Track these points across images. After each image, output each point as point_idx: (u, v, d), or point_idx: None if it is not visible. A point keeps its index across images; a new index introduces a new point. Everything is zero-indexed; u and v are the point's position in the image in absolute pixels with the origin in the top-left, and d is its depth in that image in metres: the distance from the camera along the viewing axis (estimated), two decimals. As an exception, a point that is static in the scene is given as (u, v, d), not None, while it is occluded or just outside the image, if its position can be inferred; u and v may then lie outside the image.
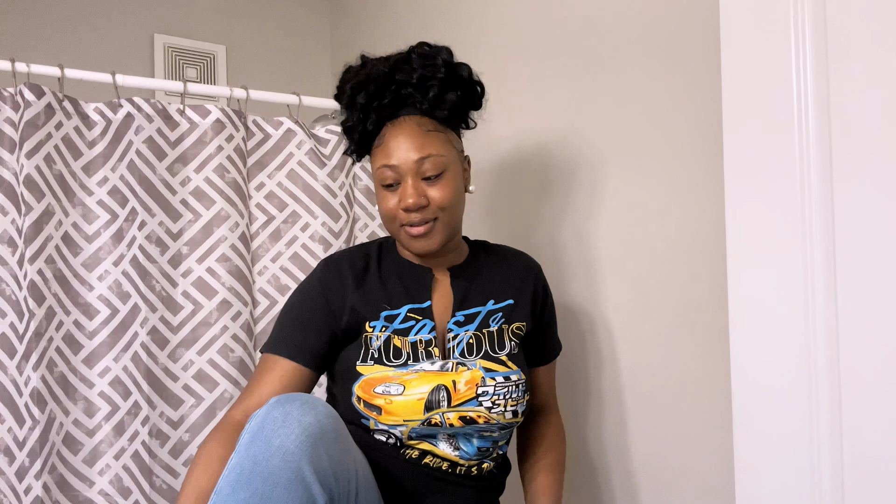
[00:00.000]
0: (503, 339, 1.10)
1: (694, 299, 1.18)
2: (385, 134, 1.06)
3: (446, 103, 1.04)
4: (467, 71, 1.07)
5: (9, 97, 1.29)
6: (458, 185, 1.07)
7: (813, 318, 0.87)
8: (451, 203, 1.05)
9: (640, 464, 1.29)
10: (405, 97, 1.05)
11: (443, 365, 1.05)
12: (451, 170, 1.05)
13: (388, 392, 1.02)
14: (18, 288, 1.28)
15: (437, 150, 1.03)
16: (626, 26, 1.29)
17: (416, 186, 1.03)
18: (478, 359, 1.06)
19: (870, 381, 0.83)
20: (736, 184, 0.95)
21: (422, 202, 1.02)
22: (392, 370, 1.04)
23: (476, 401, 1.03)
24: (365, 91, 1.05)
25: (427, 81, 1.03)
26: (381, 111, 1.05)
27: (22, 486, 1.26)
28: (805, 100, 0.88)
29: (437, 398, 1.02)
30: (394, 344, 1.06)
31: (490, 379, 1.04)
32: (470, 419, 1.03)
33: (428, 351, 1.06)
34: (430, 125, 1.05)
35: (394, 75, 1.04)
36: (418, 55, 1.04)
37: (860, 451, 0.84)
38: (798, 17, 0.88)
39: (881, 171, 0.82)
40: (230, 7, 2.31)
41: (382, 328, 1.07)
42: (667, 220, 1.23)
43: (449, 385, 1.03)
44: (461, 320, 1.09)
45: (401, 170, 1.03)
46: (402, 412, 1.02)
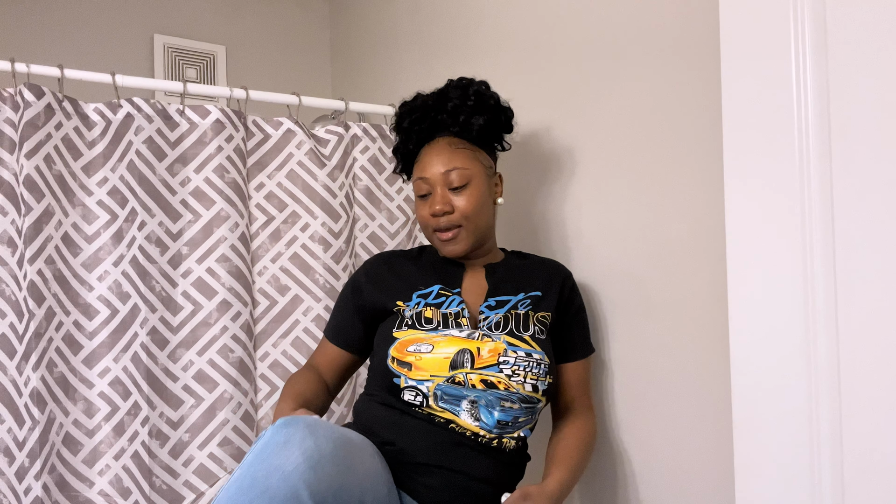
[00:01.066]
0: (528, 322, 1.19)
1: (694, 299, 1.18)
2: (421, 153, 1.26)
3: (473, 126, 1.23)
4: (494, 99, 1.26)
5: (8, 97, 1.29)
6: (483, 196, 1.22)
7: (813, 318, 0.87)
8: (475, 211, 1.20)
9: (639, 464, 1.29)
10: (440, 122, 1.24)
11: (470, 333, 1.16)
12: (476, 182, 1.21)
13: (418, 350, 1.14)
14: (18, 288, 1.28)
15: (462, 164, 1.20)
16: (626, 26, 1.29)
17: (444, 195, 1.20)
18: (503, 334, 1.16)
19: (870, 381, 0.83)
20: (736, 183, 0.95)
21: (447, 208, 1.19)
22: (424, 332, 1.16)
23: (497, 367, 1.12)
24: (409, 118, 1.26)
25: (459, 109, 1.22)
26: (420, 134, 1.26)
27: (22, 486, 1.26)
28: (805, 99, 0.88)
29: (462, 359, 1.13)
30: (425, 315, 1.19)
31: (512, 352, 1.14)
32: (491, 383, 1.12)
33: (458, 322, 1.18)
34: (459, 144, 1.23)
35: (435, 106, 1.24)
36: (454, 87, 1.25)
37: (860, 451, 0.84)
38: (798, 16, 0.88)
39: (881, 170, 0.82)
40: (230, 7, 2.31)
41: (415, 305, 1.21)
42: (667, 220, 1.23)
43: (473, 350, 1.13)
44: (492, 304, 1.21)
45: (431, 181, 1.21)
46: (429, 367, 1.13)
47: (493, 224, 1.29)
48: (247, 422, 1.44)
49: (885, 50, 0.81)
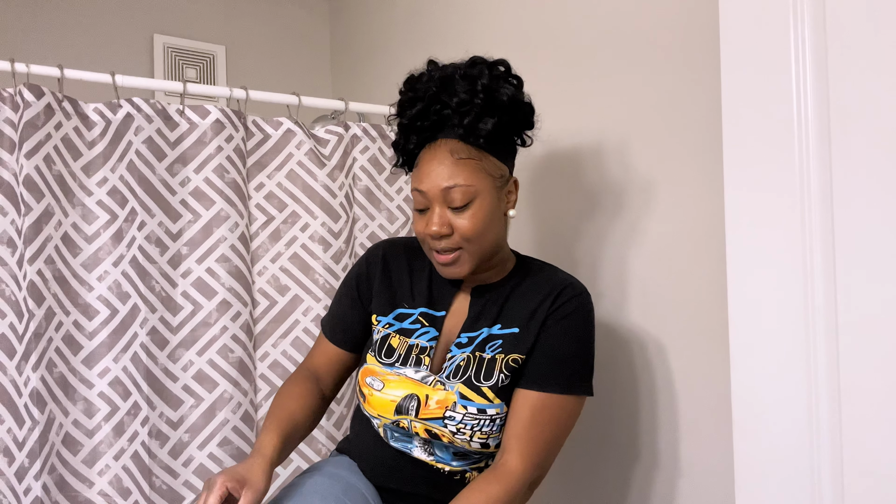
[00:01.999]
0: (493, 369, 1.03)
1: (694, 299, 1.18)
2: (421, 156, 1.05)
3: (481, 131, 1.01)
4: (508, 94, 1.02)
5: (8, 98, 1.29)
6: (489, 214, 1.03)
7: (813, 319, 0.87)
8: (477, 234, 1.02)
9: (639, 464, 1.29)
10: (444, 119, 1.03)
11: (424, 377, 1.06)
12: (481, 199, 1.02)
13: (371, 385, 1.09)
14: (18, 288, 1.28)
15: (466, 180, 1.00)
16: (625, 26, 1.29)
17: (442, 215, 1.02)
18: (458, 383, 1.03)
19: (870, 382, 0.83)
20: (736, 183, 0.95)
21: (444, 231, 1.01)
22: (379, 366, 1.09)
23: (442, 421, 1.02)
24: (410, 110, 1.05)
25: (464, 106, 1.01)
26: (421, 132, 1.05)
27: (21, 486, 1.26)
28: (804, 98, 0.88)
29: (407, 405, 1.04)
30: (390, 343, 1.10)
31: (462, 406, 1.01)
32: (435, 434, 1.04)
33: (419, 358, 1.08)
34: (463, 152, 1.02)
35: (439, 95, 1.02)
36: (461, 76, 1.02)
37: (860, 451, 0.84)
38: (798, 16, 0.88)
39: (881, 168, 0.82)
40: (230, 7, 2.31)
41: (387, 325, 1.12)
42: (667, 220, 1.23)
43: (422, 397, 1.04)
44: (463, 342, 1.07)
45: (429, 196, 1.02)
46: (376, 406, 1.07)
47: (504, 237, 1.10)
48: (247, 422, 1.44)
49: (885, 50, 0.81)
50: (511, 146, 1.08)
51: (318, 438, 1.52)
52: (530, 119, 1.08)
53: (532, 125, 1.09)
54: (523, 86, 1.07)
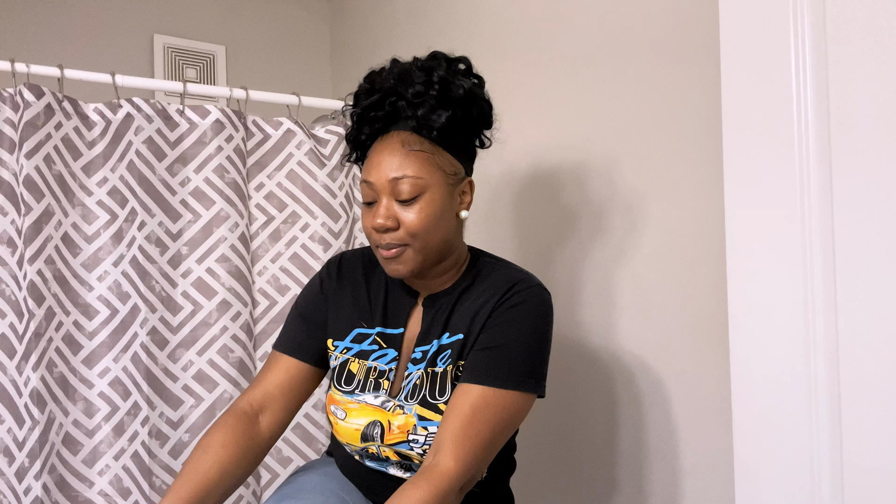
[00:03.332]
0: (445, 382, 0.99)
1: (694, 299, 1.18)
2: (372, 147, 1.01)
3: (435, 123, 0.97)
4: (464, 88, 0.98)
5: (8, 98, 1.29)
6: (438, 211, 0.97)
7: (813, 319, 0.87)
8: (425, 229, 0.96)
9: (639, 464, 1.29)
10: (399, 111, 0.99)
11: (384, 402, 1.02)
12: (430, 194, 0.97)
13: (336, 413, 1.05)
14: (18, 288, 1.28)
15: (415, 172, 0.96)
16: (626, 26, 1.29)
17: (389, 207, 0.97)
18: (415, 404, 0.99)
19: (869, 381, 0.83)
20: (736, 183, 0.95)
21: (389, 224, 0.96)
22: (340, 395, 1.05)
23: (407, 444, 0.99)
24: (365, 100, 1.01)
25: (419, 98, 0.97)
26: (373, 122, 1.00)
27: (21, 486, 1.26)
28: (805, 99, 0.88)
29: (372, 432, 1.02)
30: (349, 368, 1.05)
31: (422, 428, 0.98)
32: (405, 455, 1.01)
33: (378, 382, 1.03)
34: (415, 143, 0.97)
35: (396, 87, 0.98)
36: (419, 68, 0.99)
37: (859, 451, 0.84)
38: (798, 16, 0.88)
39: (881, 170, 0.82)
40: (230, 7, 2.31)
41: (344, 350, 1.07)
42: (667, 220, 1.23)
43: (384, 423, 1.01)
44: (418, 357, 1.03)
45: (376, 188, 0.98)
46: (343, 435, 1.04)
47: (457, 239, 1.04)
48: (247, 422, 1.44)
49: (885, 50, 0.81)
50: (468, 145, 1.04)
51: (318, 438, 1.52)
52: (488, 117, 1.04)
53: (490, 124, 1.05)
54: (484, 85, 1.04)
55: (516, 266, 1.07)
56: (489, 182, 1.63)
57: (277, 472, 1.49)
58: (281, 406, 1.07)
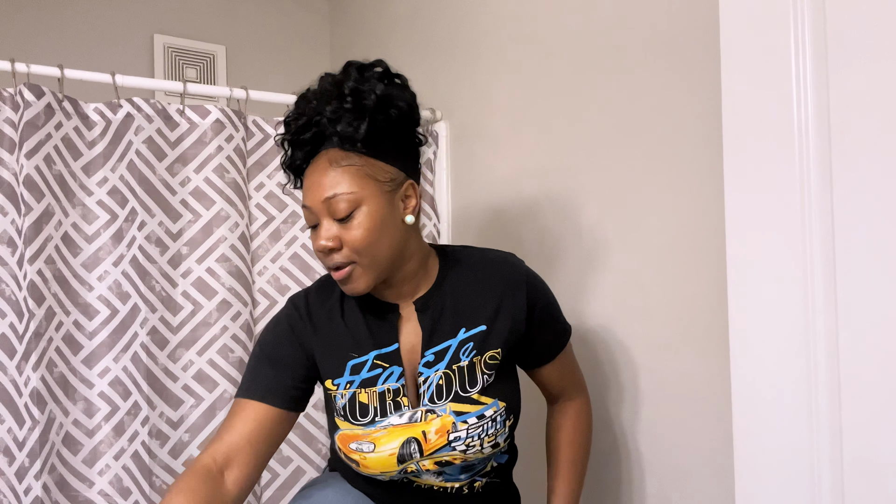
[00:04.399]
0: (475, 373, 1.01)
1: (694, 299, 1.18)
2: (305, 172, 1.00)
3: (357, 135, 0.95)
4: (374, 95, 0.95)
5: (8, 97, 1.29)
6: (378, 223, 0.96)
7: (813, 319, 0.87)
8: (368, 243, 0.95)
9: (639, 463, 1.29)
10: (323, 129, 0.97)
11: (412, 416, 1.00)
12: (368, 206, 0.95)
13: (360, 449, 1.01)
14: (18, 288, 1.28)
15: (346, 188, 0.94)
16: (626, 26, 1.29)
17: (329, 228, 0.95)
18: (448, 402, 1.00)
19: (869, 381, 0.83)
20: (735, 183, 0.95)
21: (332, 245, 0.95)
22: (361, 429, 1.01)
23: (449, 447, 0.99)
24: (290, 127, 1.00)
25: (336, 114, 0.95)
26: (303, 146, 0.99)
27: (22, 486, 1.26)
28: (805, 99, 0.88)
29: (409, 451, 1.00)
30: (360, 401, 1.02)
31: (461, 423, 0.99)
32: (446, 462, 1.01)
33: (396, 402, 1.01)
34: (343, 159, 0.96)
35: (317, 107, 0.97)
36: (331, 83, 0.97)
37: (860, 451, 0.84)
38: (798, 16, 0.88)
39: (881, 170, 0.82)
40: (230, 7, 2.31)
41: (347, 384, 1.02)
42: (667, 220, 1.23)
43: (419, 436, 0.99)
44: (431, 360, 1.02)
45: (314, 210, 0.96)
46: (376, 467, 1.01)
47: (411, 243, 1.02)
48: (247, 422, 1.44)
49: (885, 50, 0.81)
50: (400, 146, 1.01)
51: (318, 438, 1.52)
52: (409, 115, 1.00)
53: (416, 121, 1.02)
54: (405, 84, 1.01)
55: (486, 249, 1.13)
56: (490, 182, 1.63)
57: (278, 472, 1.49)
58: (249, 458, 0.98)
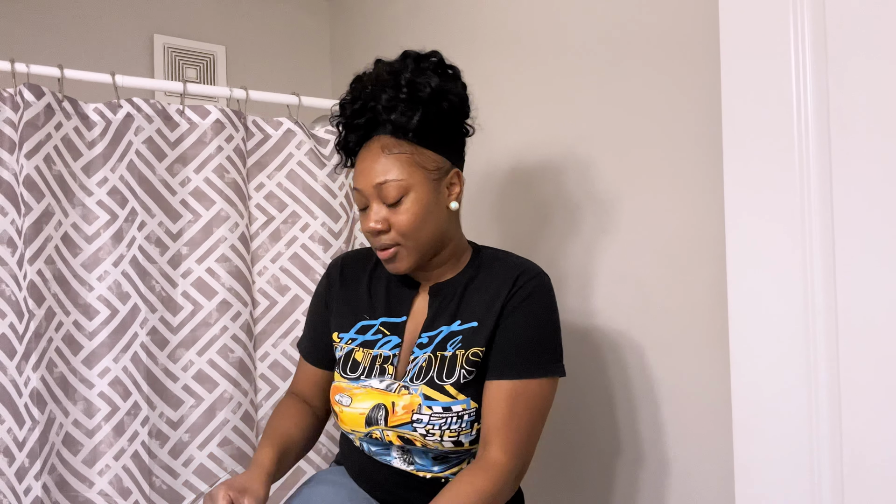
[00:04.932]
0: (454, 365, 1.02)
1: (694, 300, 1.18)
2: (358, 155, 1.06)
3: (410, 124, 1.00)
4: (432, 86, 1.00)
5: (8, 98, 1.29)
6: (425, 209, 1.02)
7: (813, 319, 0.87)
8: (413, 228, 1.01)
9: (639, 463, 1.29)
10: (377, 116, 1.03)
11: (389, 385, 1.06)
12: (416, 193, 1.01)
13: (340, 401, 1.09)
14: (18, 288, 1.28)
15: (397, 175, 1.00)
16: (626, 26, 1.29)
17: (378, 212, 1.02)
18: (421, 384, 1.03)
19: (869, 381, 0.83)
20: (735, 183, 0.95)
21: (380, 227, 1.02)
22: (346, 382, 1.09)
23: (410, 426, 1.02)
24: (350, 108, 1.05)
25: (391, 102, 1.00)
26: (357, 130, 1.05)
27: (22, 486, 1.26)
28: (804, 99, 0.88)
29: (376, 416, 1.04)
30: (354, 357, 1.10)
31: (427, 407, 1.01)
32: (408, 440, 1.04)
33: (382, 367, 1.07)
34: (395, 147, 1.01)
35: (373, 93, 1.02)
36: (388, 72, 1.02)
37: (860, 451, 0.84)
38: (798, 16, 0.88)
39: (881, 169, 0.82)
40: (230, 7, 2.31)
41: (349, 341, 1.12)
42: (667, 220, 1.23)
43: (388, 405, 1.04)
44: (424, 342, 1.07)
45: (364, 194, 1.04)
46: (348, 422, 1.08)
47: (451, 229, 1.08)
48: (247, 422, 1.44)
49: (885, 50, 0.81)
50: (449, 137, 1.06)
51: (320, 439, 1.52)
52: (461, 108, 1.06)
53: (466, 114, 1.07)
54: (458, 76, 1.07)
55: (516, 255, 1.11)
56: (489, 181, 1.63)
57: (277, 472, 1.49)
58: (318, 401, 1.21)
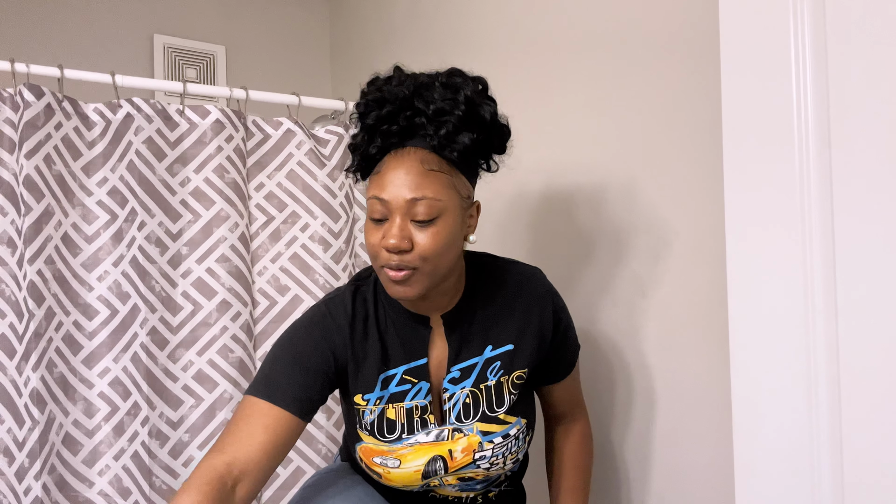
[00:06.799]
0: (502, 393, 1.02)
1: (694, 300, 1.18)
2: (385, 162, 0.94)
3: (458, 144, 0.92)
4: (490, 112, 0.94)
5: (8, 98, 1.29)
6: (452, 235, 0.94)
7: (813, 319, 0.87)
8: (437, 253, 0.93)
9: (639, 464, 1.29)
10: (417, 127, 0.93)
11: (438, 434, 1.01)
12: (447, 217, 0.93)
13: (384, 464, 1.02)
14: (18, 288, 1.28)
15: (435, 194, 0.92)
16: (626, 25, 1.29)
17: (403, 228, 0.92)
18: (475, 422, 1.01)
19: (870, 381, 0.83)
20: (736, 183, 0.95)
21: (404, 245, 0.91)
22: (387, 445, 1.01)
23: (474, 464, 1.02)
24: (377, 111, 0.94)
25: (443, 116, 0.92)
26: (387, 136, 0.94)
27: (21, 486, 1.26)
28: (805, 99, 0.88)
29: (434, 468, 1.01)
30: (387, 417, 1.01)
31: (488, 443, 1.01)
32: (468, 478, 1.03)
33: (423, 419, 1.02)
34: (434, 163, 0.93)
35: (413, 101, 0.93)
36: (442, 84, 0.93)
37: (860, 451, 0.84)
38: (798, 16, 0.88)
39: (881, 169, 0.82)
40: (230, 7, 2.31)
41: (377, 400, 1.02)
42: (667, 220, 1.23)
43: (445, 454, 1.01)
44: (457, 376, 1.02)
45: (391, 206, 0.92)
46: (399, 481, 1.02)
47: (460, 260, 1.03)
48: (247, 422, 1.44)
49: (885, 50, 0.81)
50: (481, 168, 1.01)
51: (318, 438, 1.52)
52: (505, 143, 1.00)
53: (505, 149, 1.01)
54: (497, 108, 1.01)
55: (505, 259, 1.11)
56: (488, 181, 1.63)
57: (278, 472, 1.49)
58: (263, 473, 0.93)
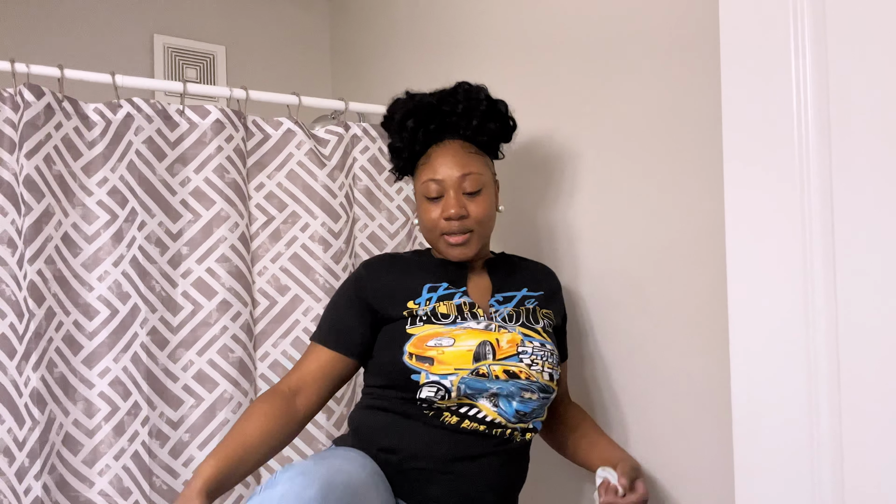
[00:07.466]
0: (537, 315, 1.22)
1: (694, 300, 1.18)
2: (431, 153, 1.22)
3: (487, 131, 1.23)
4: (504, 106, 1.26)
5: (8, 98, 1.29)
6: (492, 204, 1.22)
7: (813, 319, 0.87)
8: (486, 217, 1.20)
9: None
10: (450, 124, 1.22)
11: (487, 325, 1.16)
12: (487, 189, 1.21)
13: (440, 344, 1.13)
14: (18, 288, 1.28)
15: (478, 169, 1.20)
16: (626, 26, 1.29)
17: (458, 199, 1.18)
18: (517, 325, 1.19)
19: (870, 382, 0.83)
20: (736, 183, 0.95)
21: (462, 212, 1.17)
22: (443, 326, 1.15)
23: (517, 357, 1.14)
24: (414, 117, 1.21)
25: (471, 112, 1.21)
26: (428, 135, 1.22)
27: (22, 486, 1.26)
28: (805, 99, 0.88)
29: (484, 351, 1.13)
30: (440, 311, 1.18)
31: (528, 342, 1.16)
32: (513, 373, 1.13)
33: (473, 312, 1.18)
34: (471, 148, 1.22)
35: (440, 106, 1.22)
36: (464, 91, 1.23)
37: (860, 451, 0.84)
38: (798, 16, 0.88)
39: (881, 169, 0.82)
40: (230, 7, 2.31)
41: (427, 301, 1.19)
42: (667, 221, 1.23)
43: (493, 341, 1.14)
44: (500, 299, 1.23)
45: (445, 184, 1.18)
46: (452, 361, 1.12)
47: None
48: (247, 422, 1.44)
49: (885, 50, 0.81)
50: (496, 152, 1.30)
51: (318, 438, 1.52)
52: (511, 133, 1.29)
53: (510, 139, 1.29)
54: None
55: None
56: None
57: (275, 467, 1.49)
58: (314, 391, 1.18)
